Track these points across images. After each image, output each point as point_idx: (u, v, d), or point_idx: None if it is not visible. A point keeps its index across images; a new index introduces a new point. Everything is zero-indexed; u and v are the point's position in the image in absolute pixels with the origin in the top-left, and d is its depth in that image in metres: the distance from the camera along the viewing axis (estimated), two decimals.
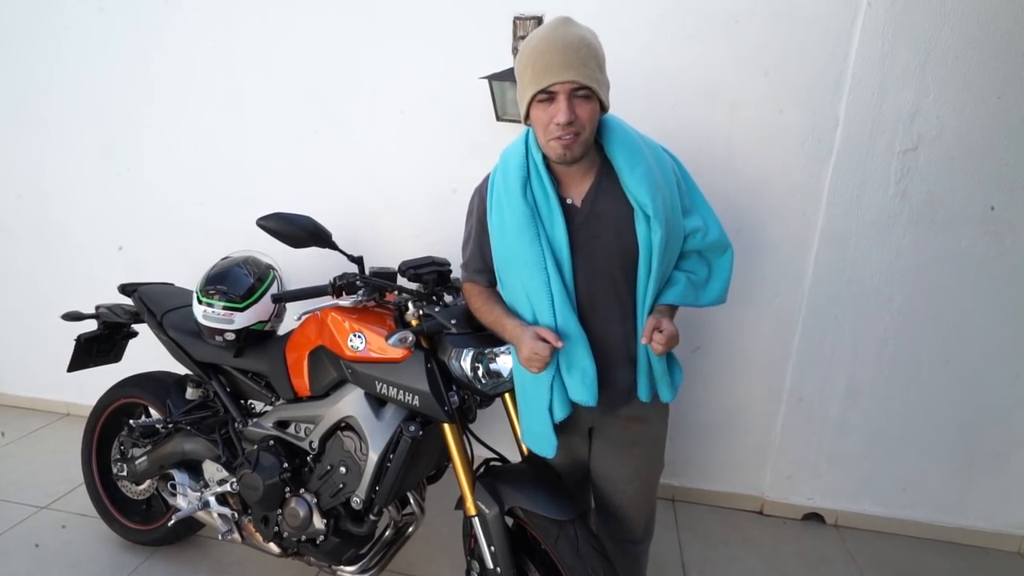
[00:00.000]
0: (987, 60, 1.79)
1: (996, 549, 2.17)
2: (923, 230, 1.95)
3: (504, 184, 1.26)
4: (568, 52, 1.09)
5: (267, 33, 2.25)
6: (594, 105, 1.15)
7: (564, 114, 1.11)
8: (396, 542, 1.73)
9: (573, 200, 1.24)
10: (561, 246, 1.21)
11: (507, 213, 1.24)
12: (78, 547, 2.07)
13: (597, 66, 1.14)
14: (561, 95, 1.11)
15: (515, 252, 1.24)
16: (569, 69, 1.09)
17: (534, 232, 1.20)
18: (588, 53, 1.11)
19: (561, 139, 1.14)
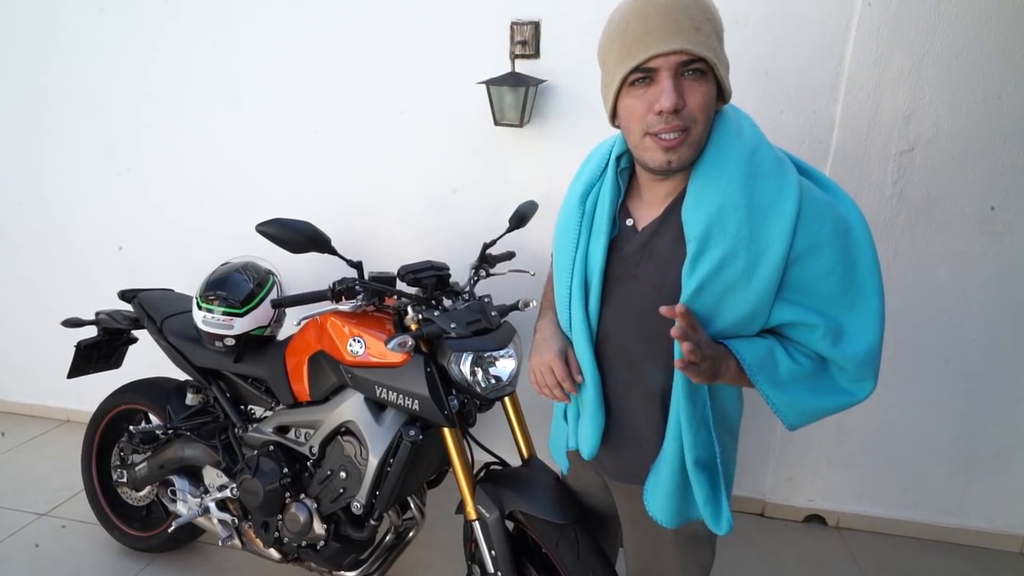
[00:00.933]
0: (981, 62, 1.80)
1: (998, 550, 2.17)
2: (921, 231, 1.96)
3: (576, 178, 1.07)
4: (674, 12, 0.78)
5: (266, 35, 2.26)
6: (710, 87, 0.82)
7: (670, 97, 0.78)
8: (397, 547, 1.73)
9: (636, 221, 0.96)
10: (594, 269, 0.97)
11: (563, 210, 1.07)
12: (78, 554, 2.06)
13: (715, 33, 0.81)
14: (664, 71, 0.79)
15: (555, 254, 1.08)
16: (675, 36, 0.77)
17: (573, 241, 1.00)
18: (702, 15, 0.79)
19: (662, 137, 0.82)
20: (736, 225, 0.82)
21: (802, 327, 0.86)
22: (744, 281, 0.84)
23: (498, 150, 2.16)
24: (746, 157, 0.85)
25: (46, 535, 2.15)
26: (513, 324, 1.48)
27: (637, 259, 0.95)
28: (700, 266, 0.84)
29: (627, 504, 1.14)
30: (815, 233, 0.82)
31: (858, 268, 0.85)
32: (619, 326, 0.99)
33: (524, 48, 2.02)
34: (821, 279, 0.84)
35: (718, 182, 0.84)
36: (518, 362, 1.41)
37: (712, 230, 0.83)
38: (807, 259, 0.83)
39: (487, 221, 2.20)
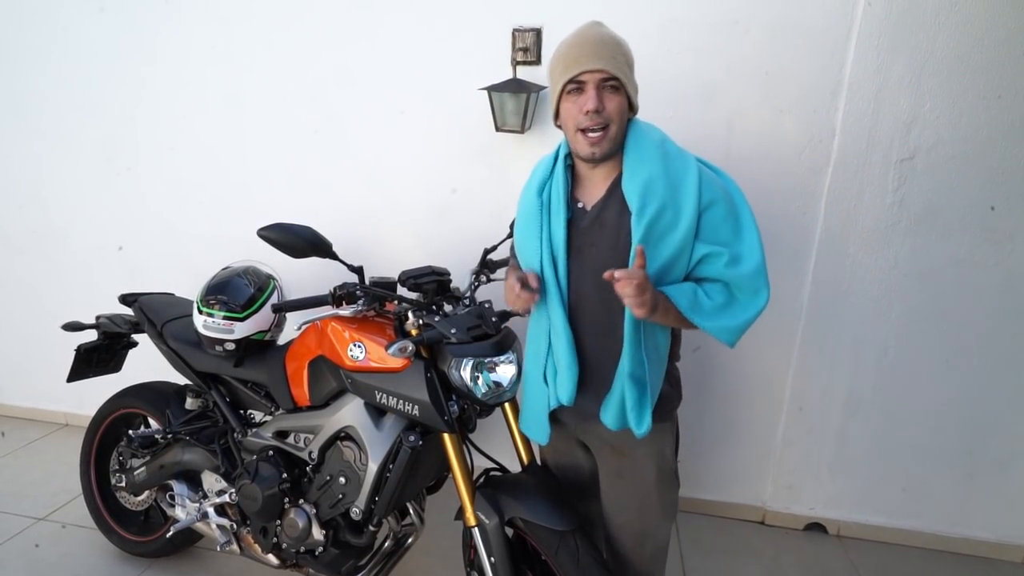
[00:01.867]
0: (982, 70, 1.80)
1: (1001, 560, 2.15)
2: (922, 238, 1.96)
3: (529, 181, 1.33)
4: (598, 45, 1.13)
5: (266, 36, 2.26)
6: (622, 99, 1.16)
7: (593, 101, 1.13)
8: (395, 553, 1.72)
9: (584, 203, 1.26)
10: (558, 244, 1.24)
11: (523, 206, 1.31)
12: (75, 559, 2.05)
13: (626, 63, 1.17)
14: (590, 84, 1.14)
15: (522, 244, 1.31)
16: (598, 59, 1.12)
17: (537, 226, 1.26)
18: (618, 50, 1.15)
19: (588, 134, 1.16)
20: (661, 190, 1.15)
21: (712, 257, 1.18)
22: (672, 228, 1.16)
23: (499, 156, 2.17)
24: (658, 145, 1.20)
25: (44, 539, 2.14)
26: (513, 330, 1.48)
27: (592, 230, 1.24)
28: (643, 217, 1.15)
29: (612, 459, 1.35)
30: (711, 193, 1.18)
31: (741, 215, 1.22)
32: (585, 287, 1.24)
33: (525, 55, 2.03)
34: (720, 223, 1.19)
35: (643, 163, 1.18)
36: (518, 368, 1.41)
37: (646, 194, 1.15)
38: (709, 211, 1.18)
39: (488, 226, 2.20)
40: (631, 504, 1.36)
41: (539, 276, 1.24)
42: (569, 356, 1.25)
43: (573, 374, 1.26)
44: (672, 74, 1.97)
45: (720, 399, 2.23)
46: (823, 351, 2.11)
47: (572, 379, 1.26)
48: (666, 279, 1.19)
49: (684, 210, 1.15)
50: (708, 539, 2.21)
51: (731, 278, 1.18)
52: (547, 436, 1.36)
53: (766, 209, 2.02)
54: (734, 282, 1.19)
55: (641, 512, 1.36)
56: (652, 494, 1.34)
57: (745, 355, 2.17)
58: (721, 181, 1.23)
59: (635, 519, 1.37)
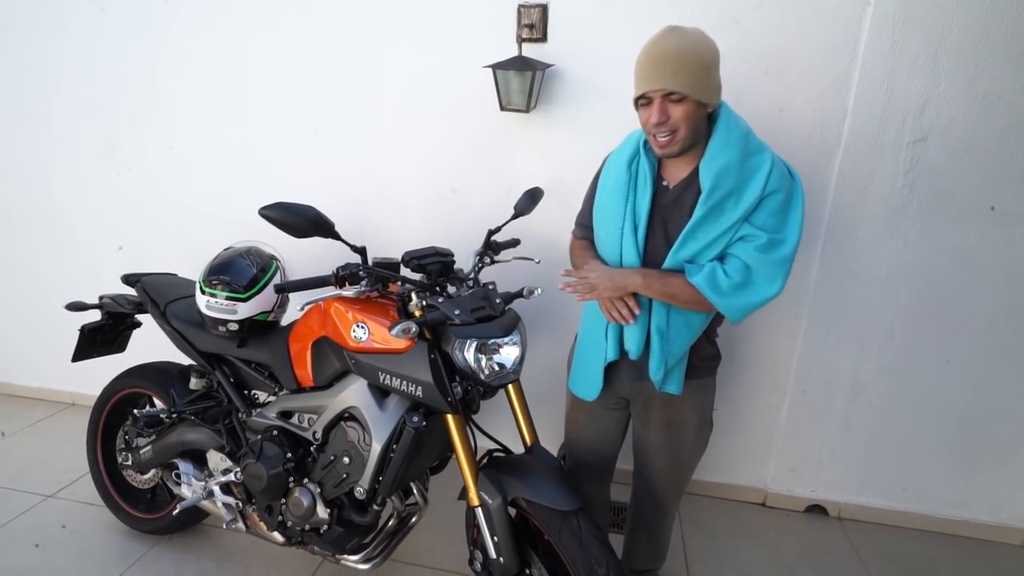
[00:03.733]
0: (1000, 49, 1.76)
1: (1000, 542, 2.17)
2: (931, 222, 1.93)
3: (619, 153, 1.44)
4: (661, 63, 1.21)
5: (268, 30, 2.23)
6: (689, 106, 1.23)
7: (656, 115, 1.24)
8: (399, 532, 1.74)
9: (668, 182, 1.37)
10: (641, 213, 1.36)
11: (611, 176, 1.43)
12: (84, 535, 2.08)
13: (693, 72, 1.22)
14: (655, 101, 1.24)
15: (607, 208, 1.42)
16: (659, 79, 1.21)
17: (624, 195, 1.38)
18: (682, 60, 1.21)
19: (657, 138, 1.27)
20: (732, 180, 1.27)
21: (750, 238, 1.28)
22: (730, 211, 1.28)
23: (504, 136, 2.14)
24: (742, 137, 1.30)
25: (52, 516, 2.17)
26: (517, 311, 1.47)
27: (672, 208, 1.35)
28: (710, 200, 1.27)
29: (662, 412, 1.51)
30: (776, 183, 1.28)
31: (792, 211, 1.32)
32: (661, 254, 1.35)
33: (531, 32, 1.98)
34: (773, 211, 1.29)
35: (724, 151, 1.27)
36: (522, 349, 1.40)
37: (719, 179, 1.26)
38: (768, 198, 1.28)
39: (492, 207, 2.17)
40: (673, 447, 1.55)
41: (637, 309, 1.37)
42: (644, 314, 1.37)
43: (644, 330, 1.38)
44: None
45: (724, 381, 2.20)
46: (829, 334, 2.10)
47: (643, 335, 1.39)
48: (708, 252, 1.31)
49: (745, 198, 1.27)
50: (710, 520, 2.23)
51: (756, 261, 1.28)
52: (598, 391, 1.49)
53: None
54: (757, 266, 1.28)
55: (680, 452, 1.56)
56: (691, 437, 1.54)
57: (750, 338, 2.16)
58: (791, 179, 1.34)
59: (676, 458, 1.57)
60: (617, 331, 1.43)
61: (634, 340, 1.41)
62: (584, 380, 1.53)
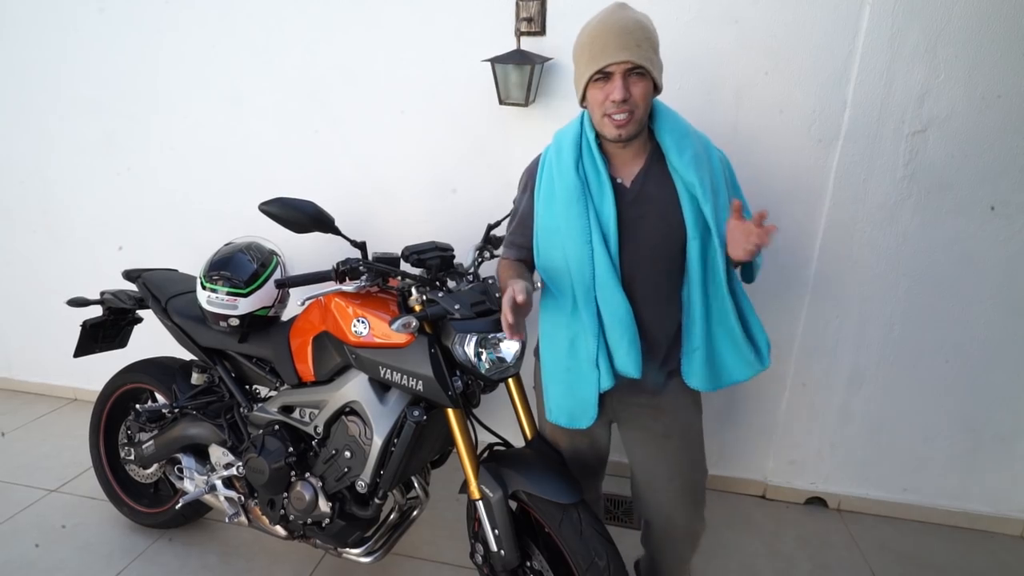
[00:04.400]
0: (1000, 39, 1.75)
1: (999, 533, 2.17)
2: (931, 213, 1.93)
3: (557, 159, 1.31)
4: (623, 34, 1.14)
5: (267, 30, 2.23)
6: (648, 84, 1.19)
7: (619, 91, 1.15)
8: (401, 525, 1.75)
9: (623, 180, 1.28)
10: (608, 221, 1.25)
11: (558, 185, 1.29)
12: (87, 529, 2.10)
13: (651, 47, 1.18)
14: (616, 74, 1.16)
15: (561, 224, 1.27)
16: (624, 50, 1.14)
17: (583, 205, 1.25)
18: (642, 35, 1.16)
19: (614, 117, 1.18)
20: (705, 165, 1.24)
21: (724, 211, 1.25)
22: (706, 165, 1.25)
23: (503, 130, 2.14)
24: (685, 123, 1.29)
25: (55, 511, 2.19)
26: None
27: (637, 204, 1.27)
28: (706, 191, 1.22)
29: (656, 422, 1.37)
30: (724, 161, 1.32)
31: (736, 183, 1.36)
32: (640, 257, 1.27)
33: (530, 25, 1.98)
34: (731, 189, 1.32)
35: (684, 139, 1.25)
36: (522, 344, 1.41)
37: (699, 167, 1.23)
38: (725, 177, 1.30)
39: (491, 202, 2.18)
40: (684, 459, 1.39)
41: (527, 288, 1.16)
42: (633, 331, 1.26)
43: (639, 350, 1.28)
44: (680, 45, 1.92)
45: None
46: (828, 327, 2.10)
47: (639, 354, 1.28)
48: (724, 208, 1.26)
49: (720, 180, 1.26)
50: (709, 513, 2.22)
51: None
52: (592, 420, 1.34)
53: (773, 183, 2.00)
54: None
55: (693, 464, 1.41)
56: (698, 438, 1.42)
57: None
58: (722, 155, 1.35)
59: (689, 474, 1.40)
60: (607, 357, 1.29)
61: (632, 361, 1.27)
62: (574, 412, 1.36)
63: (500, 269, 1.39)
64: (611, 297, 1.25)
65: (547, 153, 1.35)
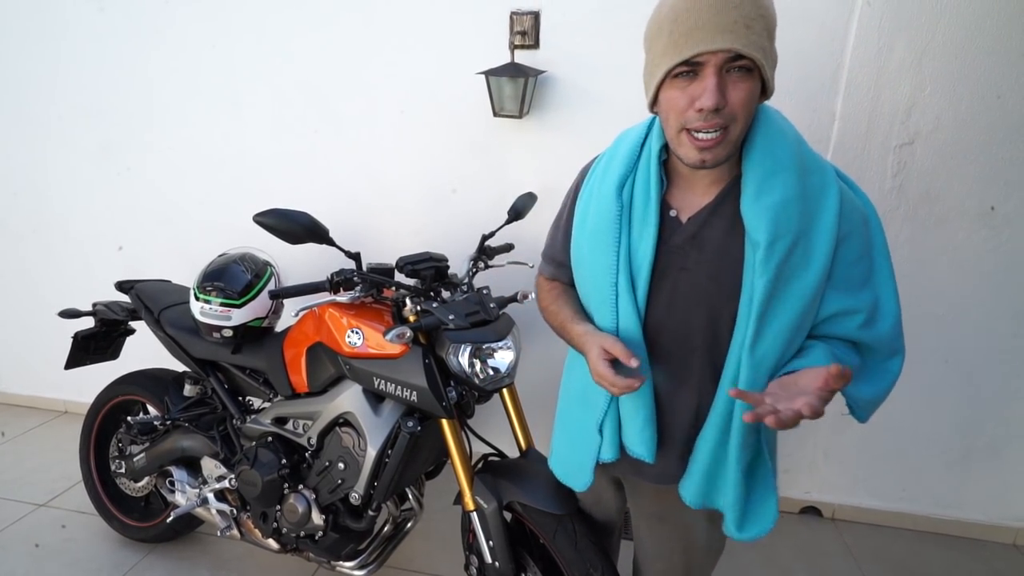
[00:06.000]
0: (984, 54, 1.79)
1: (992, 541, 2.18)
2: (920, 224, 1.95)
3: (604, 170, 1.01)
4: (727, 8, 0.77)
5: (266, 33, 2.24)
6: (754, 86, 0.82)
7: (712, 95, 0.79)
8: (395, 537, 1.73)
9: (679, 212, 0.95)
10: (642, 263, 0.95)
11: (593, 205, 1.01)
12: (77, 544, 2.07)
13: (766, 31, 0.80)
14: (709, 67, 0.79)
15: (586, 254, 1.02)
16: (725, 32, 0.77)
17: (614, 236, 0.96)
18: (754, 12, 0.78)
19: (698, 136, 0.83)
20: (795, 218, 0.85)
21: (847, 315, 0.91)
22: (803, 269, 0.87)
23: (497, 142, 2.15)
24: (796, 151, 0.88)
25: (45, 526, 2.16)
26: (511, 316, 1.48)
27: (687, 250, 0.94)
28: (774, 255, 0.85)
29: (654, 503, 1.14)
30: (849, 222, 0.88)
31: (875, 253, 0.93)
32: (671, 319, 0.97)
33: (524, 38, 2.00)
34: (854, 263, 0.90)
35: (777, 175, 0.86)
36: (516, 354, 1.41)
37: (779, 221, 0.85)
38: (842, 245, 0.88)
39: (486, 213, 2.19)
40: (676, 548, 1.15)
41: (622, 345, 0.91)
42: (650, 406, 0.99)
43: (654, 429, 1.00)
44: None
45: None
46: None
47: (654, 435, 1.00)
48: (794, 342, 0.92)
49: (819, 244, 0.87)
50: None
51: (868, 340, 0.94)
52: (586, 486, 1.12)
53: None
54: (870, 344, 0.95)
55: (686, 555, 1.15)
56: (701, 538, 1.12)
57: None
58: (859, 203, 0.93)
59: (679, 563, 1.16)
60: (615, 425, 1.04)
61: (644, 442, 1.00)
62: (572, 471, 1.16)
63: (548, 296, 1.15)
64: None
65: (601, 158, 1.06)
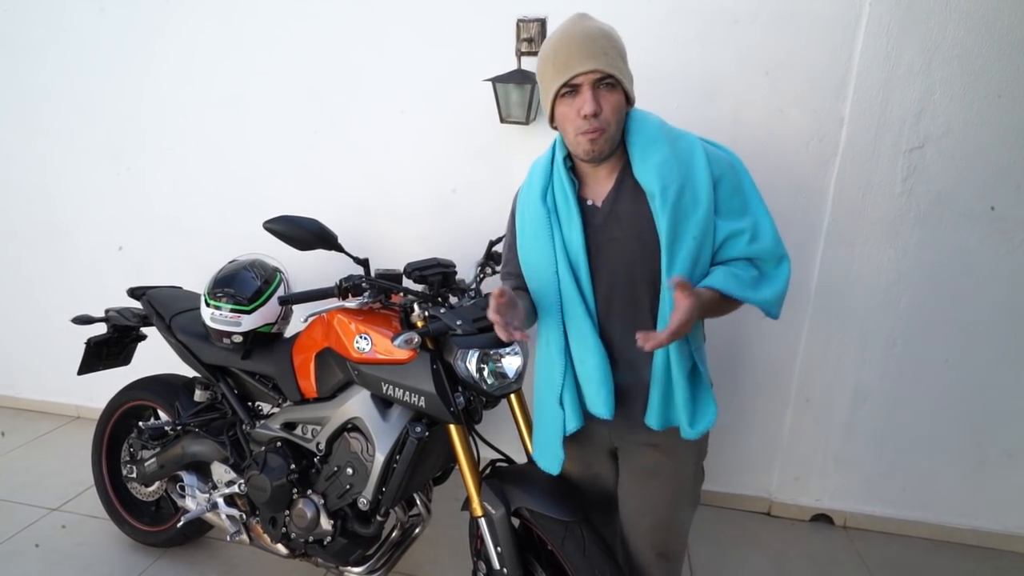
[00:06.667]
0: (994, 57, 1.78)
1: (1009, 551, 2.14)
2: (930, 229, 1.94)
3: (528, 188, 1.25)
4: (587, 43, 1.07)
5: (268, 34, 2.27)
6: (619, 96, 1.11)
7: (589, 104, 1.07)
8: (403, 543, 1.73)
9: (594, 201, 1.19)
10: (577, 248, 1.17)
11: (527, 216, 1.24)
12: (88, 548, 2.08)
13: (619, 55, 1.10)
14: (585, 86, 1.08)
15: (530, 254, 1.23)
16: (590, 59, 1.06)
17: (548, 234, 1.19)
18: (608, 43, 1.08)
19: (588, 133, 1.10)
20: (674, 171, 1.11)
21: (735, 237, 1.13)
22: (693, 206, 1.11)
23: (504, 147, 2.17)
24: (660, 129, 1.16)
25: (56, 530, 2.17)
26: None
27: (608, 225, 1.17)
28: (667, 199, 1.10)
29: (645, 459, 1.27)
30: (718, 167, 1.14)
31: (745, 188, 1.18)
32: (617, 282, 1.17)
33: (530, 45, 2.02)
34: (730, 197, 1.15)
35: (651, 147, 1.13)
36: (524, 359, 1.41)
37: (663, 175, 1.10)
38: (719, 185, 1.13)
39: (493, 218, 2.20)
40: (664, 501, 1.28)
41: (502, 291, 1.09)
42: (603, 370, 1.17)
43: (610, 388, 1.18)
44: (677, 65, 1.95)
45: (727, 390, 2.22)
46: (830, 343, 2.10)
47: (610, 392, 1.18)
48: (700, 263, 1.13)
49: (700, 187, 1.11)
50: (714, 530, 2.22)
51: (756, 253, 1.14)
52: (559, 466, 1.28)
53: (772, 200, 1.98)
54: (759, 256, 1.15)
55: (672, 507, 1.29)
56: (687, 487, 1.30)
57: (752, 346, 2.16)
58: (723, 153, 1.19)
59: (666, 516, 1.29)
60: (574, 395, 1.22)
61: (602, 400, 1.18)
62: (545, 453, 1.30)
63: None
64: (579, 328, 1.18)
65: (523, 185, 1.29)
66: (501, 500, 1.36)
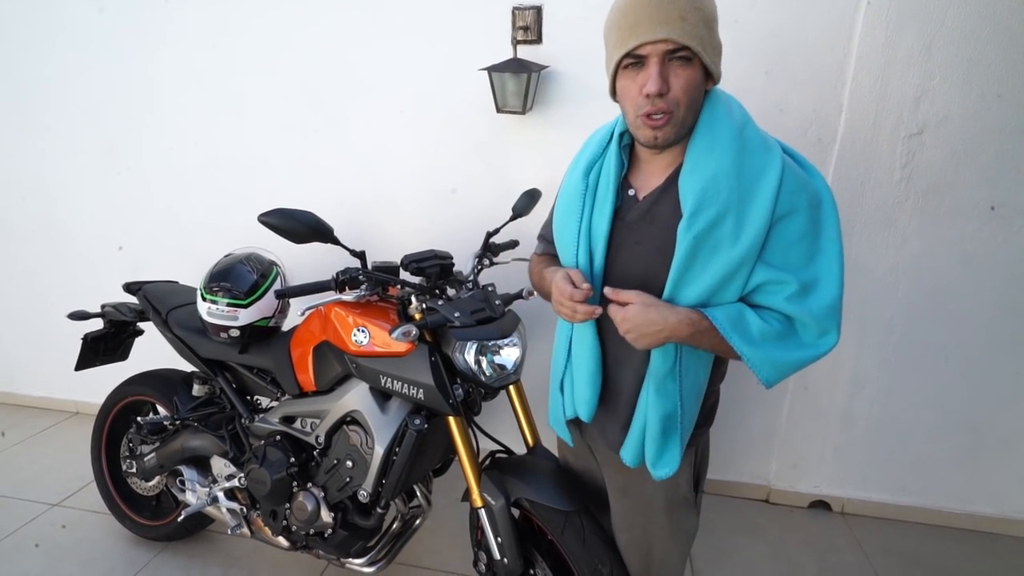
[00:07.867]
0: (993, 42, 1.76)
1: (1004, 535, 2.16)
2: (929, 216, 1.93)
3: (578, 158, 1.14)
4: (664, 4, 0.87)
5: (267, 32, 2.24)
6: (694, 73, 0.91)
7: (654, 82, 0.88)
8: (404, 534, 1.74)
9: (637, 191, 1.04)
10: (599, 237, 1.05)
11: (567, 186, 1.14)
12: (90, 543, 2.09)
13: (702, 21, 0.89)
14: (652, 58, 0.89)
15: (561, 226, 1.14)
16: (663, 25, 0.86)
17: (578, 213, 1.07)
18: (689, 6, 0.88)
19: (650, 118, 0.92)
20: (727, 190, 0.92)
21: (774, 285, 0.94)
22: (730, 241, 0.93)
23: (500, 138, 2.15)
24: (736, 132, 0.95)
25: (57, 525, 2.18)
26: (517, 313, 1.48)
27: (640, 225, 1.03)
28: (694, 225, 0.93)
29: (617, 475, 1.22)
30: (792, 200, 0.93)
31: (823, 235, 0.96)
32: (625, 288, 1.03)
33: (526, 34, 1.99)
34: (794, 242, 0.94)
35: (712, 152, 0.94)
36: (522, 350, 1.41)
37: (706, 193, 0.92)
38: (783, 222, 0.93)
39: (490, 210, 2.18)
40: (636, 522, 1.23)
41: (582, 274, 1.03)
42: (591, 369, 1.09)
43: (594, 391, 1.10)
44: None
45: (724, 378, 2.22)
46: None
47: (593, 396, 1.11)
48: (712, 303, 0.97)
49: (750, 221, 0.92)
50: (713, 518, 2.23)
51: (797, 313, 0.95)
52: (569, 439, 1.28)
53: None
54: (800, 318, 0.96)
55: (647, 533, 1.22)
56: (659, 519, 1.19)
57: None
58: (811, 184, 0.96)
59: (640, 538, 1.23)
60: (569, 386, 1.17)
61: (585, 400, 1.11)
62: (557, 424, 1.29)
63: (535, 265, 1.26)
64: (584, 325, 1.09)
65: (578, 153, 1.17)
66: (501, 491, 1.37)
